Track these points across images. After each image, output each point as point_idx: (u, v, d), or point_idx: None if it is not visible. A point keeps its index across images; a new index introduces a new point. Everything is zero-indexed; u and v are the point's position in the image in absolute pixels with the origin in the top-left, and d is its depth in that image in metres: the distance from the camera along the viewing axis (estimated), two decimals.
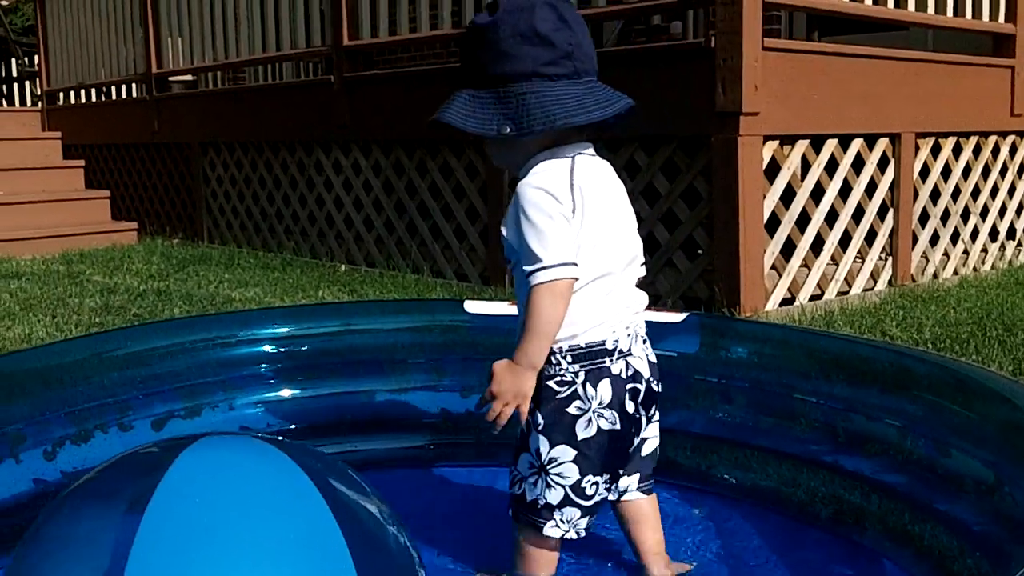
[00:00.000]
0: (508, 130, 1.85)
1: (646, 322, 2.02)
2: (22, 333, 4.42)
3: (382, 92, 5.99)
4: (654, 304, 4.38)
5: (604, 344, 1.91)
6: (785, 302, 4.51)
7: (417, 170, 5.78)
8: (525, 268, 1.84)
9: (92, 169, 9.07)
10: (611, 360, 1.91)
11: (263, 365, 2.78)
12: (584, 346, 1.91)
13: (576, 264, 1.85)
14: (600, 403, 1.90)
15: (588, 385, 1.90)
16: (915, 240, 5.25)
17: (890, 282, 5.11)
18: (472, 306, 2.86)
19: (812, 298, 4.66)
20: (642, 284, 2.04)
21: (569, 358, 1.91)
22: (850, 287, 4.88)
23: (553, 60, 1.85)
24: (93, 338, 3.17)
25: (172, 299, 5.17)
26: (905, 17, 5.17)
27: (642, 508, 2.08)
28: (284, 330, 2.89)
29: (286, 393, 2.76)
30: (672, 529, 2.26)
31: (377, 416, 2.82)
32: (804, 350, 2.55)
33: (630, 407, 1.93)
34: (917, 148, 5.20)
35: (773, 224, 4.45)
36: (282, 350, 2.85)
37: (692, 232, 4.38)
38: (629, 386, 1.93)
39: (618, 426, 1.92)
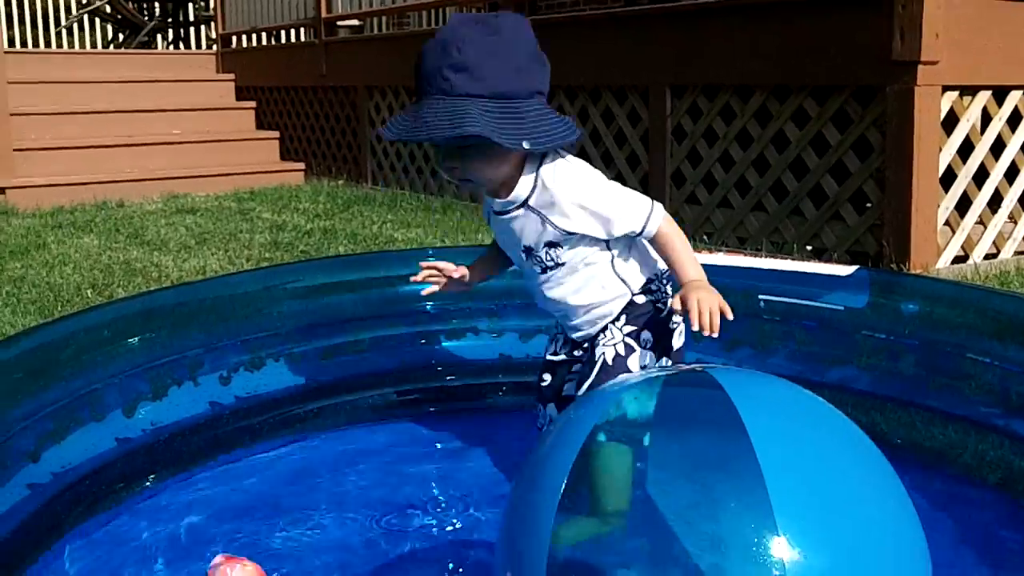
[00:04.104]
0: (527, 145, 1.80)
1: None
2: (198, 265, 4.62)
3: (548, 38, 5.95)
4: (819, 257, 4.30)
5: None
6: (958, 260, 4.35)
7: (579, 116, 5.76)
8: (634, 227, 1.95)
9: (262, 111, 9.34)
10: None
11: (428, 303, 2.80)
12: (664, 271, 2.07)
13: None
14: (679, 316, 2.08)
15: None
16: None
17: None
18: None
19: (987, 257, 4.47)
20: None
21: (664, 281, 2.08)
22: None
23: (546, 82, 1.89)
24: (264, 271, 3.28)
25: (337, 237, 5.31)
26: None
27: None
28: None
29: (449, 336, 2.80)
30: None
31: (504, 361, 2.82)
32: (977, 309, 2.46)
33: None
34: None
35: (948, 179, 4.28)
36: None
37: (862, 184, 4.24)
38: None
39: None
